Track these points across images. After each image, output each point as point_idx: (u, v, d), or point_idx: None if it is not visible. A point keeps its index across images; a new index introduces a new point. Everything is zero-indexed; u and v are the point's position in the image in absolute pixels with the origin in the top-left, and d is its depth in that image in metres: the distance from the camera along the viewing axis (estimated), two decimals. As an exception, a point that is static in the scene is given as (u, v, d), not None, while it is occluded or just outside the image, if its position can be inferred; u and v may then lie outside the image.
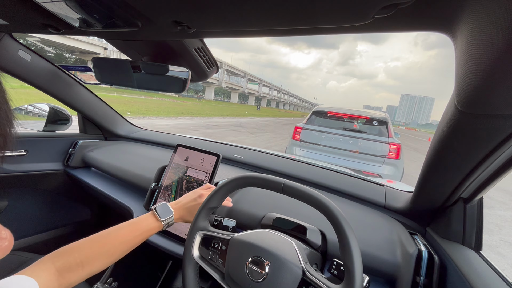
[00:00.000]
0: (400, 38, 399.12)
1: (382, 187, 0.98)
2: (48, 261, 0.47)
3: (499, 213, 4.12)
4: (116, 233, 0.56)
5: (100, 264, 0.52)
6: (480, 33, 0.30)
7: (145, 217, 0.62)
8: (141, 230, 0.59)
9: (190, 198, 0.70)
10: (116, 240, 0.55)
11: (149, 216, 0.63)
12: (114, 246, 0.54)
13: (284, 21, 0.44)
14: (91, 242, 0.53)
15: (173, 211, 0.66)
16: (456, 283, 0.57)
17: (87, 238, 0.53)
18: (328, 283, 0.48)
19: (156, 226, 0.62)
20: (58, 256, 0.48)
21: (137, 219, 0.62)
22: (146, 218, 0.62)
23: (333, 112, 4.22)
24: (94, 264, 0.51)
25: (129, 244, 0.57)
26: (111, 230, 0.56)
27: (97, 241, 0.53)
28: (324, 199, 0.51)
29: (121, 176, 1.14)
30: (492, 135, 0.43)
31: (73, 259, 0.49)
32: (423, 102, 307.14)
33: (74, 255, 0.49)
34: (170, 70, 0.73)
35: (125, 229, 0.58)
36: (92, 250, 0.52)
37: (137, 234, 0.58)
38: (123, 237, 0.56)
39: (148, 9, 0.48)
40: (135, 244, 0.58)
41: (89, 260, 0.50)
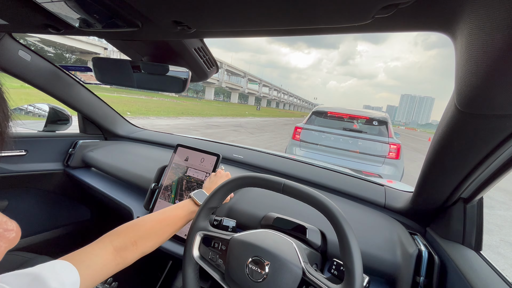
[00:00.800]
0: (400, 38, 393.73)
1: (382, 187, 0.98)
2: (107, 241, 0.50)
3: (499, 213, 4.12)
4: (163, 216, 0.61)
5: (151, 244, 0.56)
6: (480, 33, 0.30)
7: (185, 202, 0.69)
8: (184, 213, 0.65)
9: (219, 180, 0.76)
10: (164, 222, 0.60)
11: (189, 202, 0.69)
12: (163, 228, 0.59)
13: (284, 21, 0.44)
14: (143, 224, 0.57)
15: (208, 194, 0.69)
16: (456, 283, 0.57)
17: (137, 220, 0.58)
18: (328, 283, 0.48)
19: (196, 210, 0.67)
20: (115, 236, 0.52)
21: (179, 204, 0.68)
22: (187, 203, 0.68)
23: (333, 112, 4.22)
24: (146, 244, 0.55)
25: (175, 226, 0.62)
26: (159, 213, 0.62)
27: (147, 223, 0.57)
28: (324, 199, 0.51)
29: (121, 176, 1.14)
30: (492, 135, 0.43)
31: (129, 238, 0.52)
32: (423, 102, 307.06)
33: (129, 234, 0.53)
34: (170, 70, 0.73)
35: (171, 212, 0.63)
36: (145, 230, 0.56)
37: (182, 217, 0.64)
38: (170, 220, 0.61)
39: (148, 9, 0.48)
40: (179, 227, 0.63)
41: (142, 240, 0.54)
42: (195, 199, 0.69)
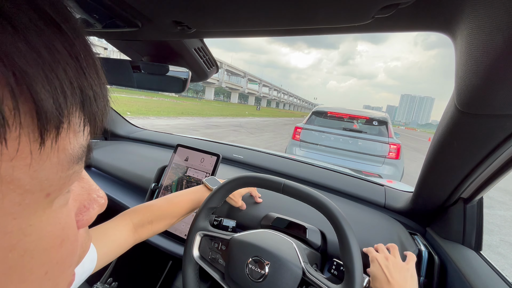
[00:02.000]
0: (400, 38, 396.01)
1: (382, 187, 0.98)
2: (128, 218, 0.54)
3: (499, 213, 4.12)
4: (177, 199, 0.64)
5: (164, 224, 0.59)
6: (480, 33, 0.30)
7: (198, 187, 0.70)
8: (197, 198, 0.67)
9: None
10: (178, 204, 0.63)
11: (201, 187, 0.71)
12: (176, 210, 0.62)
13: (284, 21, 0.44)
14: (158, 204, 0.60)
15: (221, 182, 0.70)
16: (456, 283, 0.57)
17: (155, 201, 0.61)
18: (328, 283, 0.48)
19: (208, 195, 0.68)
20: (135, 213, 0.56)
21: (191, 189, 0.70)
22: (199, 188, 0.70)
23: (333, 112, 4.22)
24: (160, 223, 0.58)
25: (187, 209, 0.64)
26: (173, 196, 0.64)
27: (163, 204, 0.61)
28: (324, 199, 0.51)
29: (121, 176, 1.14)
30: (492, 135, 0.43)
31: (146, 217, 0.56)
32: (423, 102, 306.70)
33: (147, 214, 0.57)
34: (170, 70, 0.73)
35: (184, 196, 0.66)
36: (161, 211, 0.59)
37: (193, 201, 0.66)
38: (183, 203, 0.64)
39: (148, 9, 0.48)
40: (191, 210, 0.66)
41: (157, 219, 0.58)
42: (208, 184, 0.70)
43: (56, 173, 0.15)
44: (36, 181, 0.14)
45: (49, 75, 0.13)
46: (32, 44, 0.12)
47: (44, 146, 0.13)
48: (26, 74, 0.12)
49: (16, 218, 0.13)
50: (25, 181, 0.13)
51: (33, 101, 0.12)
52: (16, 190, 0.13)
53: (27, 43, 0.12)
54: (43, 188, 0.14)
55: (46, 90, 0.13)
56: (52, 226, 0.16)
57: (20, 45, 0.12)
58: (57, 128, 0.14)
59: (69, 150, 0.15)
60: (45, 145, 0.13)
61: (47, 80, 0.13)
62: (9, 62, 0.11)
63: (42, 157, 0.14)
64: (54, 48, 0.13)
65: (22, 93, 0.12)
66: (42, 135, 0.13)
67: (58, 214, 0.16)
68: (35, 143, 0.13)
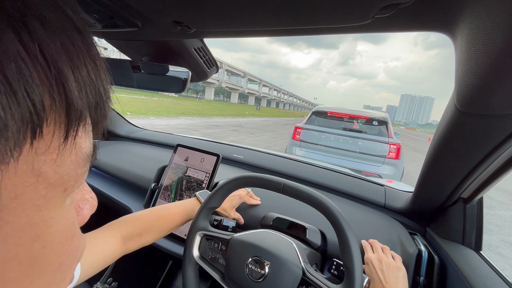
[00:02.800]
0: (400, 38, 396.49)
1: (382, 187, 0.98)
2: (117, 228, 0.52)
3: (499, 213, 4.12)
4: (167, 211, 0.62)
5: (153, 237, 0.57)
6: (480, 33, 0.30)
7: (189, 200, 0.69)
8: (187, 211, 0.65)
9: None
10: (168, 217, 0.61)
11: (193, 200, 0.69)
12: (165, 223, 0.60)
13: (284, 21, 0.44)
14: (148, 216, 0.58)
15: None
16: (456, 283, 0.57)
17: (143, 212, 0.59)
18: (328, 283, 0.48)
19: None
20: (124, 224, 0.54)
21: (183, 201, 0.68)
22: (190, 201, 0.68)
23: (333, 112, 4.22)
24: (149, 236, 0.56)
25: (177, 222, 0.62)
26: (163, 208, 0.62)
27: (153, 216, 0.59)
28: (324, 199, 0.51)
29: (121, 176, 1.14)
30: (492, 135, 0.43)
31: (135, 229, 0.54)
32: (423, 102, 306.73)
33: (136, 225, 0.55)
34: (170, 70, 0.73)
35: (174, 209, 0.63)
36: (149, 223, 0.57)
37: (184, 215, 0.64)
38: (172, 216, 0.62)
39: (148, 9, 0.48)
40: (180, 224, 0.64)
41: (146, 231, 0.56)
42: (200, 197, 0.69)
43: (74, 169, 0.15)
44: (58, 175, 0.14)
45: (77, 74, 0.14)
46: (65, 45, 0.13)
47: (67, 143, 0.14)
48: (61, 73, 0.13)
49: (41, 210, 0.14)
50: (50, 175, 0.14)
51: (66, 98, 0.13)
52: (43, 183, 0.14)
53: (62, 44, 0.13)
54: (63, 182, 0.15)
55: (76, 89, 0.14)
56: (66, 220, 0.17)
57: (57, 46, 0.13)
58: (78, 126, 0.15)
59: (84, 149, 0.16)
60: (68, 142, 0.14)
61: (75, 79, 0.14)
62: (51, 61, 0.12)
63: (64, 153, 0.15)
64: (80, 50, 0.14)
65: (58, 90, 0.13)
66: (68, 131, 0.14)
67: (69, 209, 0.17)
68: (61, 139, 0.14)
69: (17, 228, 0.13)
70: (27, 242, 0.14)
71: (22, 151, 0.12)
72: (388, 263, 0.58)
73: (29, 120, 0.12)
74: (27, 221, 0.14)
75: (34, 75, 0.12)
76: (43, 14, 0.12)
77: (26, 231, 0.14)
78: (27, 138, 0.12)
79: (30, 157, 0.13)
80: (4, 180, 0.12)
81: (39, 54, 0.12)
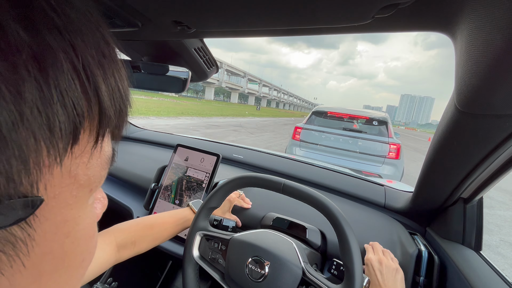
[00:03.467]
0: (400, 38, 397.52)
1: (382, 187, 0.98)
2: (111, 236, 0.52)
3: (499, 213, 4.12)
4: (161, 220, 0.62)
5: (146, 246, 0.57)
6: (480, 33, 0.30)
7: (182, 210, 0.69)
8: (181, 220, 0.65)
9: None
10: (162, 226, 0.61)
11: (186, 209, 0.69)
12: (159, 232, 0.60)
13: (284, 21, 0.44)
14: (142, 224, 0.58)
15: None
16: (456, 283, 0.57)
17: (137, 220, 0.59)
18: (328, 283, 0.48)
19: (192, 218, 0.66)
20: (118, 232, 0.53)
21: (176, 210, 0.68)
22: (184, 210, 0.69)
23: (333, 112, 4.22)
24: (142, 244, 0.56)
25: (171, 231, 0.62)
26: (157, 217, 0.63)
27: (147, 224, 0.59)
28: (324, 199, 0.51)
29: (121, 176, 1.14)
30: (492, 135, 0.43)
31: (130, 237, 0.54)
32: (423, 102, 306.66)
33: (131, 234, 0.55)
34: (170, 70, 0.73)
35: (168, 218, 0.63)
36: (144, 231, 0.57)
37: (177, 224, 0.64)
38: (167, 224, 0.62)
39: (148, 9, 0.48)
40: (174, 233, 0.64)
41: (140, 240, 0.56)
42: (193, 207, 0.69)
43: (99, 171, 0.17)
44: (87, 177, 0.16)
45: (108, 84, 0.15)
46: (98, 57, 0.14)
47: (96, 147, 0.15)
48: (96, 83, 0.14)
49: (72, 208, 0.15)
50: (81, 176, 0.15)
51: (99, 106, 0.14)
52: (75, 184, 0.15)
53: (96, 56, 0.14)
54: (90, 183, 0.16)
55: (107, 97, 0.15)
56: (89, 219, 0.18)
57: (94, 58, 0.14)
58: (106, 131, 0.16)
59: (107, 152, 0.17)
60: (97, 146, 0.16)
61: (107, 88, 0.15)
62: (90, 74, 0.14)
63: (93, 156, 0.16)
64: (109, 60, 0.15)
65: (94, 100, 0.14)
66: (97, 137, 0.15)
67: (91, 209, 0.18)
68: (92, 143, 0.15)
69: (53, 225, 0.14)
70: (60, 238, 0.15)
71: (66, 155, 0.14)
72: (388, 265, 0.58)
73: (73, 128, 0.13)
74: (61, 218, 0.15)
75: (78, 88, 0.13)
76: (82, 29, 0.14)
77: (60, 227, 0.15)
78: (70, 143, 0.13)
79: (68, 160, 0.14)
80: (50, 181, 0.13)
81: (82, 69, 0.13)
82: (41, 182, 0.13)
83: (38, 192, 0.13)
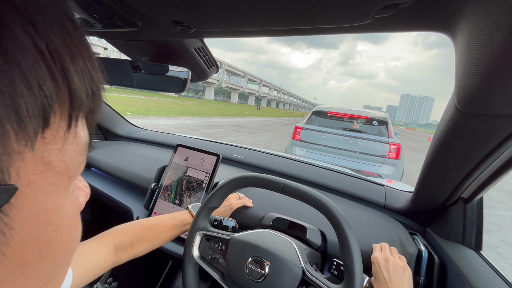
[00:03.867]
0: (400, 38, 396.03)
1: (382, 187, 0.98)
2: (109, 238, 0.51)
3: (499, 213, 4.11)
4: (160, 223, 0.61)
5: (144, 248, 0.56)
6: (480, 33, 0.30)
7: (181, 213, 0.68)
8: (180, 224, 0.64)
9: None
10: (160, 229, 0.60)
11: (185, 213, 0.68)
12: (158, 234, 0.59)
13: (284, 21, 0.44)
14: (141, 226, 0.58)
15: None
16: (456, 283, 0.57)
17: (135, 222, 0.59)
18: (328, 283, 0.48)
19: (191, 221, 0.65)
20: (117, 234, 0.53)
21: (175, 213, 0.66)
22: (183, 214, 0.67)
23: (333, 112, 4.22)
24: (140, 247, 0.56)
25: (169, 234, 0.61)
26: (156, 220, 0.62)
27: (145, 226, 0.58)
28: (324, 199, 0.51)
29: (121, 176, 1.14)
30: (492, 135, 0.43)
31: (128, 239, 0.54)
32: (423, 102, 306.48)
33: (129, 236, 0.54)
34: (170, 70, 0.73)
35: (167, 220, 0.63)
36: (142, 234, 0.57)
37: (177, 227, 0.63)
38: (165, 227, 0.61)
39: (148, 9, 0.48)
40: (173, 236, 0.63)
41: (138, 242, 0.55)
42: (192, 211, 0.68)
43: (75, 157, 0.16)
44: (64, 164, 0.15)
45: (76, 65, 0.14)
46: (63, 36, 0.14)
47: (69, 132, 0.15)
48: (64, 63, 0.14)
49: (51, 196, 0.15)
50: (57, 163, 0.15)
51: (69, 88, 0.14)
52: (51, 171, 0.15)
53: (61, 36, 0.14)
54: (68, 170, 0.16)
55: (76, 78, 0.14)
56: (71, 206, 0.18)
57: (58, 37, 0.13)
58: (79, 114, 0.15)
59: (82, 137, 0.17)
60: (70, 131, 0.15)
61: (75, 69, 0.14)
62: (54, 53, 0.13)
63: (67, 142, 0.15)
64: (75, 40, 0.15)
65: (62, 81, 0.14)
66: (70, 121, 0.15)
67: (72, 197, 0.18)
68: (65, 128, 0.15)
69: (32, 213, 0.14)
70: (42, 226, 0.15)
71: (37, 140, 0.13)
72: (395, 263, 0.57)
73: (41, 110, 0.13)
74: (40, 206, 0.15)
75: (43, 68, 0.13)
76: (42, 5, 0.13)
77: (40, 215, 0.15)
78: (40, 127, 0.13)
79: (40, 146, 0.14)
80: (21, 167, 0.13)
81: (45, 48, 0.13)
82: (13, 169, 0.12)
83: (10, 179, 0.12)
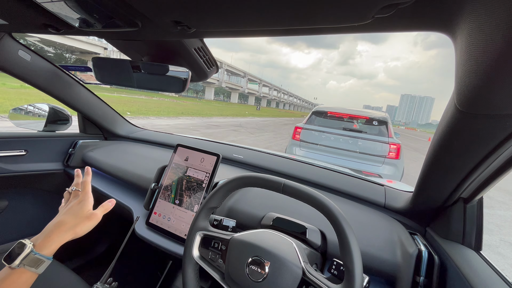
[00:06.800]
0: (400, 38, 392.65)
1: (382, 187, 0.98)
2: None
3: (499, 213, 4.12)
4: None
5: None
6: (480, 33, 0.30)
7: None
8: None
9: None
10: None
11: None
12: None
13: (284, 21, 0.44)
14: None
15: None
16: (456, 283, 0.57)
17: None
18: (328, 283, 0.48)
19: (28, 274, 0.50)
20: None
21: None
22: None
23: (333, 112, 4.23)
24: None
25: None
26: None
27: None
28: (324, 199, 0.51)
29: (121, 176, 1.14)
30: (492, 135, 0.43)
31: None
32: (423, 102, 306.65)
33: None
34: (170, 70, 0.73)
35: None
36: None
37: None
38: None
39: (148, 9, 0.48)
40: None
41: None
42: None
43: None
44: None
45: None
46: None
47: None
48: None
49: None
50: None
51: None
52: None
53: None
54: None
55: None
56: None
57: None
58: None
59: None
60: None
61: None
62: None
63: None
64: None
65: None
66: None
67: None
68: None
69: None
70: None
71: None
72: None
73: None
74: None
75: None
76: None
77: None
78: None
79: None
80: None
81: None
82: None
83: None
